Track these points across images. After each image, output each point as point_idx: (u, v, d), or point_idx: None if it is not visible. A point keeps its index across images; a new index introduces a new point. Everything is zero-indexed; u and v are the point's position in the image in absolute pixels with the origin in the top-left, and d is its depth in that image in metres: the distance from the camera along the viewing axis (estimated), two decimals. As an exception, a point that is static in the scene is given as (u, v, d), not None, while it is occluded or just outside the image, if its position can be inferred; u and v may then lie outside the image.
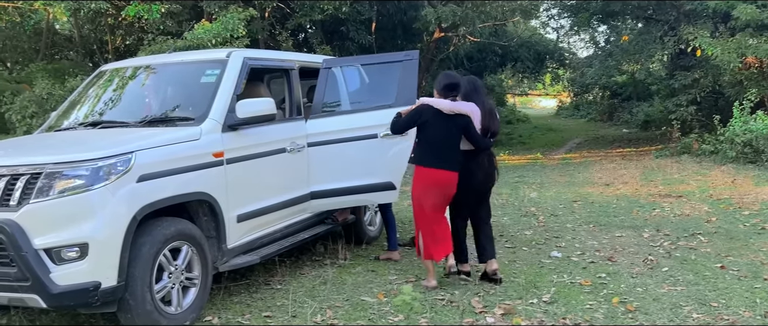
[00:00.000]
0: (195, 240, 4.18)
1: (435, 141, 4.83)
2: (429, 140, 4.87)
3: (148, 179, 3.84)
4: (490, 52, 24.26)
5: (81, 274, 3.55)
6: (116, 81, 5.23)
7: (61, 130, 4.88)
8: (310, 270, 5.50)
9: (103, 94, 5.15)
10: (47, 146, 4.29)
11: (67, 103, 5.28)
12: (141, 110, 4.89)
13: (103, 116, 4.88)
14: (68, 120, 4.99)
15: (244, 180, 4.64)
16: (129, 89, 5.13)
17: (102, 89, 5.21)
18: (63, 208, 3.57)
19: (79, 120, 4.92)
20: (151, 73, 5.20)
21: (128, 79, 5.22)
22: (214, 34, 11.76)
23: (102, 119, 4.82)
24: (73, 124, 4.88)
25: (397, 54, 5.81)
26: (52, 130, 4.97)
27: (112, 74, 5.34)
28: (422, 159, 4.92)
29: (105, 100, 5.08)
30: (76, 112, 5.07)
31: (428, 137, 4.87)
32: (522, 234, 6.89)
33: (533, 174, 12.28)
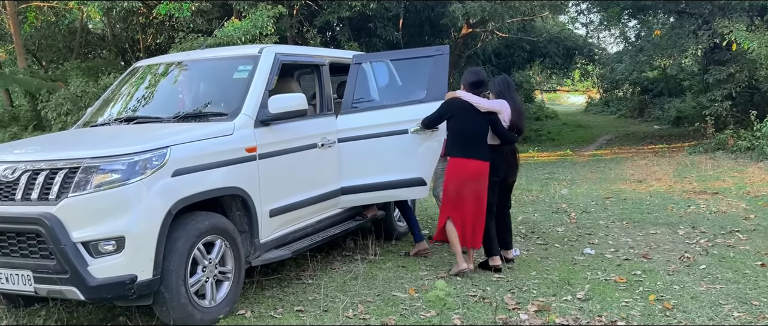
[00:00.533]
0: (228, 234, 4.21)
1: (465, 133, 5.04)
2: (459, 131, 5.06)
3: (182, 174, 3.87)
4: (518, 48, 24.04)
5: (117, 267, 3.59)
6: (149, 78, 5.29)
7: (96, 125, 4.95)
8: (340, 265, 5.50)
9: (137, 90, 5.20)
10: (85, 141, 4.36)
11: (102, 99, 5.35)
12: (174, 106, 4.94)
13: (137, 112, 4.94)
14: (103, 116, 5.06)
15: (276, 175, 4.65)
16: (162, 86, 5.18)
17: (136, 86, 5.26)
18: (100, 202, 3.61)
19: (114, 116, 4.99)
20: (184, 70, 5.25)
21: (161, 75, 5.28)
22: (244, 31, 11.86)
23: (136, 115, 4.88)
24: (108, 119, 4.95)
25: (428, 49, 5.78)
26: (87, 125, 5.04)
27: (146, 71, 5.40)
28: (453, 150, 5.11)
29: (139, 96, 5.13)
30: (111, 108, 5.14)
31: (458, 129, 5.06)
32: (554, 231, 6.80)
33: (563, 171, 12.14)
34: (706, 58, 18.48)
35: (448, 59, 5.57)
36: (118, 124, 4.83)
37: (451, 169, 5.12)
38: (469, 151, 5.01)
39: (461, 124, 5.03)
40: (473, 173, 5.01)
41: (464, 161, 5.02)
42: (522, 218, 7.50)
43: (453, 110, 5.06)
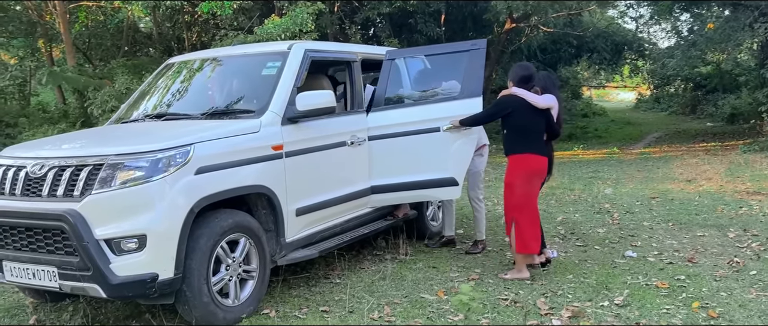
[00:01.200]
0: (253, 233, 4.16)
1: (526, 129, 4.95)
2: (520, 128, 4.96)
3: (206, 172, 3.83)
4: (565, 44, 23.51)
5: (139, 265, 3.57)
6: (183, 74, 5.28)
7: (128, 121, 4.98)
8: (370, 265, 5.41)
9: (170, 86, 5.21)
10: (112, 137, 4.36)
11: (136, 95, 5.38)
12: (205, 102, 4.92)
13: (168, 108, 4.94)
14: (136, 112, 5.08)
15: (303, 173, 4.58)
16: (194, 82, 5.17)
17: (169, 81, 5.27)
18: (123, 199, 3.60)
19: (145, 112, 5.00)
20: (216, 66, 5.23)
21: (194, 71, 5.26)
22: (284, 28, 11.90)
23: (167, 111, 4.88)
24: (140, 116, 4.97)
25: (464, 43, 5.61)
26: (120, 122, 5.07)
27: (179, 67, 5.40)
28: (516, 147, 4.97)
29: (171, 92, 5.14)
30: (144, 104, 5.16)
31: (521, 126, 4.95)
32: (594, 232, 6.56)
33: (609, 169, 11.77)
34: (762, 52, 17.66)
35: (484, 54, 5.38)
36: (148, 120, 4.84)
37: (517, 166, 4.97)
38: (533, 146, 4.93)
39: (523, 120, 4.92)
40: (540, 169, 4.99)
41: (531, 157, 4.91)
42: (562, 218, 7.26)
43: (513, 106, 4.92)
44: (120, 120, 5.10)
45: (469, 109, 5.20)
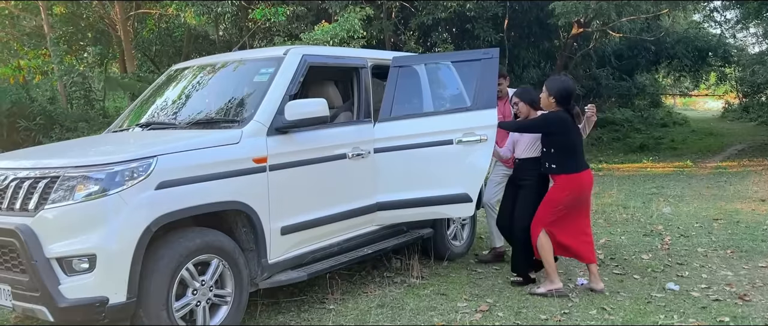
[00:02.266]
0: (227, 254, 3.82)
1: (576, 146, 4.80)
2: (573, 145, 4.78)
3: (169, 186, 3.53)
4: (643, 49, 22.24)
5: (88, 287, 3.30)
6: (181, 81, 5.05)
7: (118, 131, 4.78)
8: (374, 288, 4.98)
9: (166, 94, 4.98)
10: (80, 148, 4.15)
11: (136, 102, 5.19)
12: (197, 110, 4.64)
13: (156, 117, 4.71)
14: (129, 120, 4.88)
15: (291, 189, 4.22)
16: (191, 89, 4.91)
17: (166, 89, 5.05)
18: (76, 215, 3.35)
19: (136, 121, 4.79)
20: (214, 73, 4.96)
21: (193, 78, 5.02)
22: (332, 34, 11.67)
23: (154, 121, 4.65)
24: (131, 124, 4.76)
25: (477, 52, 5.14)
26: (111, 131, 4.89)
27: (179, 74, 5.17)
28: (570, 166, 4.76)
29: (165, 100, 4.91)
30: (139, 112, 4.95)
31: (575, 143, 4.79)
32: (638, 258, 5.86)
33: (675, 185, 10.81)
34: None
35: (497, 63, 4.90)
36: (136, 129, 4.62)
37: (572, 185, 4.74)
38: (583, 163, 4.84)
39: (574, 136, 4.80)
40: (591, 183, 4.96)
41: (586, 174, 4.82)
42: (605, 240, 6.58)
43: (569, 124, 4.76)
44: (115, 129, 4.91)
45: (482, 121, 4.73)
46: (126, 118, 5.00)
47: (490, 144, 4.72)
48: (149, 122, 4.64)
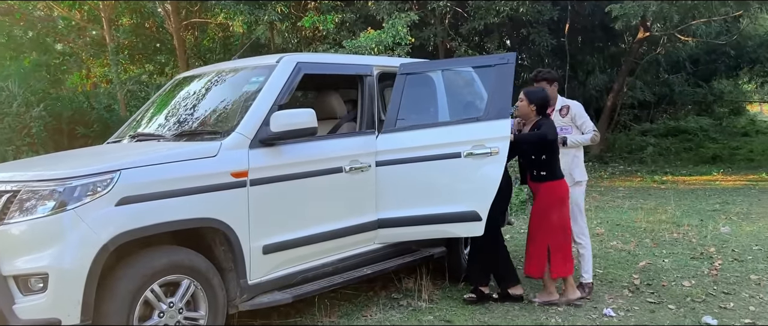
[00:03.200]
0: (199, 274, 3.60)
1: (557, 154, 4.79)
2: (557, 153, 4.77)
3: (132, 202, 3.33)
4: (721, 54, 20.88)
5: (41, 309, 3.14)
6: (182, 90, 4.89)
7: (112, 142, 4.67)
8: (376, 312, 4.65)
9: (166, 103, 4.84)
10: (55, 161, 4.03)
11: (139, 112, 5.08)
12: (185, 121, 4.46)
13: (146, 128, 4.56)
14: (124, 131, 4.76)
15: (275, 205, 3.96)
16: (186, 99, 4.74)
17: (168, 98, 4.91)
18: (32, 231, 3.20)
19: (132, 131, 4.66)
20: (212, 82, 4.77)
21: (191, 87, 4.85)
22: (377, 41, 11.44)
23: (144, 131, 4.50)
24: (124, 135, 4.63)
25: (491, 57, 4.77)
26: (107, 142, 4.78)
27: (181, 83, 5.03)
28: (558, 171, 4.77)
29: (162, 110, 4.76)
30: (139, 122, 4.83)
31: (556, 151, 4.76)
32: (678, 285, 5.28)
33: (742, 200, 9.92)
34: None
35: (513, 69, 4.50)
36: (127, 140, 4.49)
37: (557, 191, 4.73)
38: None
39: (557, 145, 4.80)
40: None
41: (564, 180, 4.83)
42: (645, 263, 5.99)
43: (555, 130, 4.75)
44: (112, 140, 4.80)
45: (494, 132, 4.35)
46: (127, 128, 4.88)
47: (502, 158, 4.32)
48: (139, 132, 4.50)
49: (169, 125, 4.43)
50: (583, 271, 5.08)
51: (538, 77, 5.06)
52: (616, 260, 6.14)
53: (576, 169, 5.05)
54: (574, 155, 5.04)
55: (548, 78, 5.07)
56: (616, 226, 7.86)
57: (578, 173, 5.06)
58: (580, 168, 5.07)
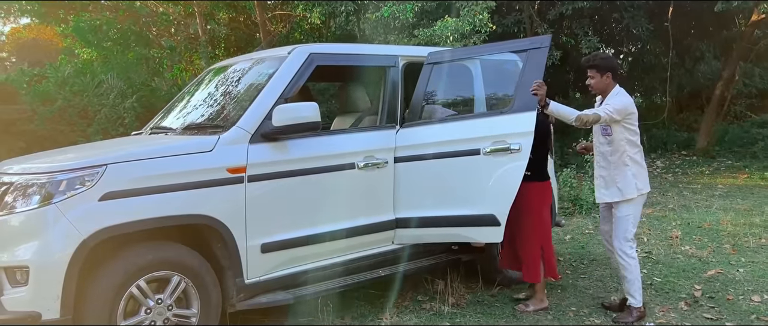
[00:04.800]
0: (190, 271, 3.53)
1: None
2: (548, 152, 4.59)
3: (118, 197, 3.30)
4: None
5: (24, 302, 3.18)
6: (208, 82, 4.85)
7: (136, 134, 4.71)
8: (393, 315, 4.41)
9: (191, 95, 4.83)
10: (55, 154, 4.07)
11: (169, 104, 5.10)
12: (197, 114, 4.42)
13: (163, 121, 4.56)
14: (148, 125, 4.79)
15: (276, 202, 3.82)
16: (207, 91, 4.69)
17: (195, 90, 4.89)
18: (19, 224, 3.25)
19: (152, 124, 4.68)
20: (233, 74, 4.69)
21: (215, 79, 4.80)
22: (452, 29, 11.11)
23: (159, 125, 4.51)
24: (146, 128, 4.66)
25: (522, 41, 4.30)
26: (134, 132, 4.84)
27: (210, 74, 5.00)
28: (545, 172, 4.51)
29: (185, 102, 4.75)
30: (163, 114, 4.84)
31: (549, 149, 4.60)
32: (746, 299, 4.64)
33: None
34: None
35: (546, 54, 4.04)
36: (148, 133, 4.51)
37: (547, 192, 4.53)
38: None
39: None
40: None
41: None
42: (714, 272, 5.34)
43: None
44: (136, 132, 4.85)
45: (516, 127, 3.98)
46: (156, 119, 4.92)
47: (524, 155, 3.93)
48: (155, 125, 4.51)
49: (182, 118, 4.40)
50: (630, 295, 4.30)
51: (588, 64, 4.29)
52: (682, 267, 5.52)
53: (622, 180, 4.18)
54: (623, 162, 4.17)
55: (598, 66, 4.22)
56: (696, 229, 7.12)
57: (625, 187, 4.18)
58: (626, 180, 4.18)
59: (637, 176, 4.18)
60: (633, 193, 4.16)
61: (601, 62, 4.23)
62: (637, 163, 4.20)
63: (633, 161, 4.18)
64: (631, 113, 4.14)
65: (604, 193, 4.23)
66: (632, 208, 4.22)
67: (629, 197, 4.16)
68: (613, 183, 4.20)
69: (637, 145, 4.19)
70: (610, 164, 4.20)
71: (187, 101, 4.70)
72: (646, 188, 4.25)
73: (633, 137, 4.16)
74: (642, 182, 4.22)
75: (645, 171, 4.26)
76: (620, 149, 4.14)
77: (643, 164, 4.24)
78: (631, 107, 4.14)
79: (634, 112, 4.16)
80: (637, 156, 4.21)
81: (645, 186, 4.24)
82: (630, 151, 4.15)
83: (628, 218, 4.21)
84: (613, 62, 4.29)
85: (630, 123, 4.13)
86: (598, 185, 4.30)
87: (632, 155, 4.17)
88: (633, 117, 4.15)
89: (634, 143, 4.17)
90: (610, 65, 4.22)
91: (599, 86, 4.26)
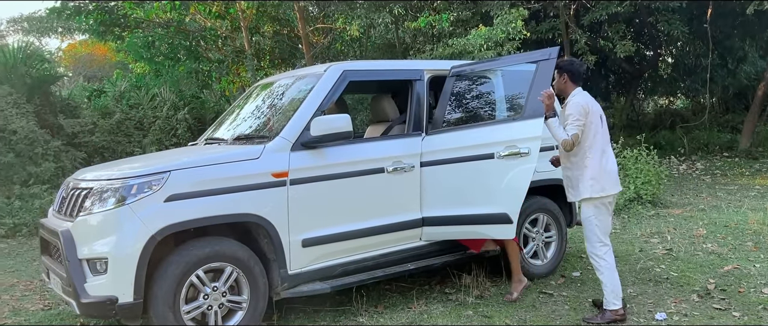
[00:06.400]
0: (241, 262, 4.06)
1: None
2: None
3: (180, 199, 3.86)
4: None
5: (103, 287, 3.75)
6: (256, 96, 5.42)
7: (192, 144, 5.30)
8: (422, 304, 4.86)
9: (240, 109, 5.39)
10: (127, 162, 4.68)
11: (221, 117, 5.68)
12: (246, 126, 4.98)
13: (216, 133, 5.13)
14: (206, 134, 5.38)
15: (314, 202, 4.33)
16: (254, 105, 5.25)
17: (244, 104, 5.46)
18: (98, 222, 3.83)
19: (206, 136, 5.27)
20: (277, 89, 5.24)
21: (262, 94, 5.36)
22: (485, 38, 11.49)
23: (213, 136, 5.08)
24: (201, 139, 5.25)
25: (534, 53, 4.72)
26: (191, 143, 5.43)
27: (257, 89, 5.56)
28: None
29: (234, 116, 5.31)
30: (216, 126, 5.42)
31: None
32: (758, 292, 4.93)
33: None
34: None
35: (553, 65, 4.46)
36: (202, 144, 5.09)
37: None
38: None
39: None
40: None
41: None
42: (731, 267, 5.62)
43: None
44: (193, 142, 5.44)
45: (526, 132, 4.42)
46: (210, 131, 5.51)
47: (532, 159, 4.35)
48: (210, 137, 5.09)
49: (233, 130, 4.96)
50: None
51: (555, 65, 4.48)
52: (699, 263, 5.81)
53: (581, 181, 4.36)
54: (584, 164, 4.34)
55: (559, 66, 4.45)
56: (722, 228, 7.34)
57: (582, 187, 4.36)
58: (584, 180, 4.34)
59: (595, 177, 4.29)
60: (588, 193, 4.31)
61: (562, 63, 4.45)
62: (598, 163, 4.29)
63: (593, 162, 4.29)
64: (588, 112, 4.27)
65: (571, 192, 4.49)
66: (594, 210, 4.35)
67: (585, 196, 4.32)
68: (576, 183, 4.40)
69: (596, 145, 4.29)
70: (573, 165, 4.39)
71: (237, 114, 5.27)
72: (608, 191, 4.32)
73: (591, 138, 4.28)
74: (602, 183, 4.29)
75: (608, 173, 4.32)
76: (581, 151, 4.30)
77: (606, 165, 4.32)
78: (588, 106, 4.27)
79: (591, 111, 4.28)
80: (598, 157, 4.29)
81: (606, 188, 4.31)
82: (588, 152, 4.28)
83: (591, 220, 4.36)
84: (574, 66, 4.42)
85: (588, 123, 4.27)
86: (566, 186, 4.54)
87: (592, 156, 4.29)
88: (591, 116, 4.28)
89: (593, 144, 4.28)
90: (568, 68, 4.40)
91: (559, 86, 4.47)
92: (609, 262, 4.41)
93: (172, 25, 16.84)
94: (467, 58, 11.17)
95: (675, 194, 10.31)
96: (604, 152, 4.34)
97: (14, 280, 5.98)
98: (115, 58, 22.45)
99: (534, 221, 5.48)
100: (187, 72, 17.77)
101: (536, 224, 5.48)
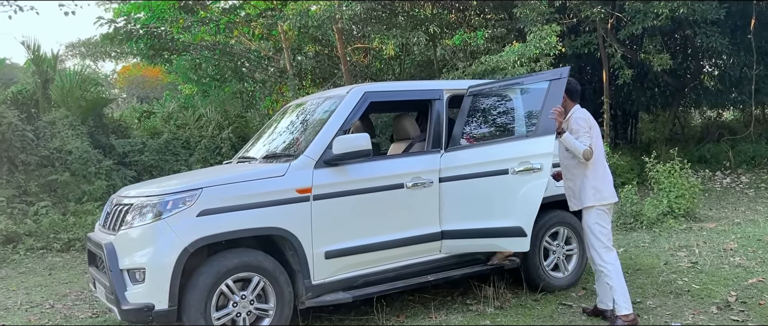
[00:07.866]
0: (267, 272, 4.36)
1: None
2: None
3: (211, 214, 4.19)
4: None
5: (141, 295, 4.10)
6: (286, 117, 5.74)
7: (226, 162, 5.65)
8: (441, 314, 5.07)
9: (272, 129, 5.73)
10: (165, 180, 5.05)
11: (254, 137, 6.02)
12: (275, 145, 5.30)
13: (248, 152, 5.48)
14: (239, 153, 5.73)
15: (336, 216, 4.61)
16: (284, 125, 5.58)
17: (275, 124, 5.79)
18: (137, 235, 4.20)
19: (240, 154, 5.62)
20: (303, 110, 5.55)
21: (291, 115, 5.68)
22: (519, 54, 11.63)
23: (245, 155, 5.42)
24: (235, 158, 5.60)
25: (546, 73, 4.92)
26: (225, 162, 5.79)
27: (288, 110, 5.90)
28: None
29: (267, 135, 5.65)
30: (249, 146, 5.77)
31: None
32: None
33: None
34: None
35: (564, 84, 4.65)
36: (236, 162, 5.44)
37: None
38: None
39: None
40: None
41: None
42: (755, 281, 5.63)
43: None
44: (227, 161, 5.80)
45: (538, 149, 4.60)
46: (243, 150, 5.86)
47: (545, 174, 4.53)
48: (242, 156, 5.44)
49: (263, 149, 5.30)
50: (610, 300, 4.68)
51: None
52: (724, 276, 5.84)
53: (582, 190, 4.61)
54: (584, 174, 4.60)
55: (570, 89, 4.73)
56: (754, 241, 7.30)
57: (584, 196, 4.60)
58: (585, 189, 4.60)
59: (596, 187, 4.56)
60: (591, 201, 4.56)
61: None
62: (597, 173, 4.58)
63: (594, 172, 4.57)
64: (591, 126, 4.59)
65: (573, 201, 4.73)
66: (597, 216, 4.57)
67: (588, 204, 4.57)
68: (578, 193, 4.64)
69: (597, 157, 4.55)
70: (575, 176, 4.65)
71: (270, 133, 5.61)
72: (609, 199, 4.59)
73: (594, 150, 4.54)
74: (603, 192, 4.57)
75: (607, 183, 4.61)
76: (583, 162, 4.55)
77: (605, 175, 4.62)
78: (590, 120, 4.60)
79: (592, 125, 4.61)
80: (598, 168, 4.58)
81: (607, 197, 4.58)
82: (590, 163, 4.54)
83: (595, 226, 4.57)
84: (571, 85, 4.68)
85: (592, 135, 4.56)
86: (567, 196, 4.79)
87: (593, 167, 4.56)
88: (594, 130, 4.59)
89: (595, 156, 4.54)
90: (566, 87, 4.63)
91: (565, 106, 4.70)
92: (616, 266, 4.59)
93: (218, 48, 17.53)
94: (500, 75, 11.33)
95: (713, 207, 10.21)
96: (602, 163, 4.63)
97: (67, 290, 6.44)
98: (167, 79, 23.41)
99: (554, 234, 5.58)
100: (232, 93, 18.38)
101: (557, 237, 5.60)
